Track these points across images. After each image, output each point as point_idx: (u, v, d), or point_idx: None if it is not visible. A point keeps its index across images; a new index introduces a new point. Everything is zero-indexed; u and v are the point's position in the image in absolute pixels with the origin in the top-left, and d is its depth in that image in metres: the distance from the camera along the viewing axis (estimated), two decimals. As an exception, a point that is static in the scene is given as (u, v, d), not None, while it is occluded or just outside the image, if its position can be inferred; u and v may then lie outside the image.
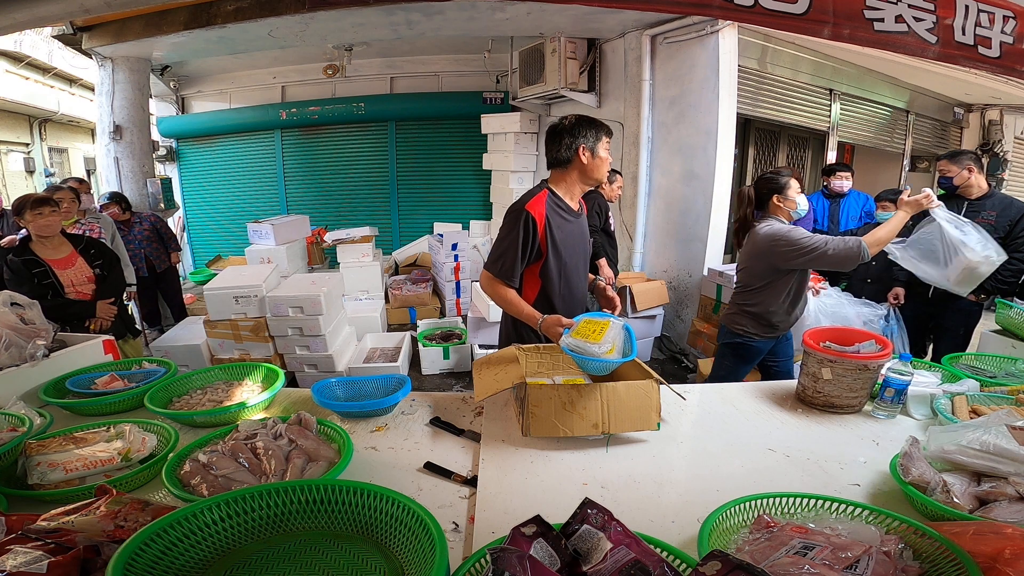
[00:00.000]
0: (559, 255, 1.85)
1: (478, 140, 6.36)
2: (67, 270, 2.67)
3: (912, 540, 0.91)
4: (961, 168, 2.89)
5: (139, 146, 5.15)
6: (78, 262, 2.71)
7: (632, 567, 0.73)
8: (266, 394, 1.58)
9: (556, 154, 1.84)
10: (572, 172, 1.84)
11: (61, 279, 2.63)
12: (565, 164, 1.84)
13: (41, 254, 2.61)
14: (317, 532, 0.94)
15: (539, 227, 1.78)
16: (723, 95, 3.76)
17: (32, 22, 3.26)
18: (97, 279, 2.76)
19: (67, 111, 9.61)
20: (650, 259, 4.72)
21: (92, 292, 2.73)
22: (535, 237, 1.78)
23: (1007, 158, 6.20)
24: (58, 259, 2.65)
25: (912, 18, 2.09)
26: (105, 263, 2.81)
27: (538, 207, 1.79)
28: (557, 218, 1.82)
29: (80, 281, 2.70)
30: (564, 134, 1.81)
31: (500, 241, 1.83)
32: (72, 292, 2.66)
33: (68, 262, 2.68)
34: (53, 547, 0.79)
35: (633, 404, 1.37)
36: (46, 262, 2.60)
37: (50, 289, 2.58)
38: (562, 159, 1.83)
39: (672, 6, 2.47)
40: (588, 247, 2.02)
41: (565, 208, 1.86)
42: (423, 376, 4.13)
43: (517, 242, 1.77)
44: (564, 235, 1.84)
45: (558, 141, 1.82)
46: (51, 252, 2.65)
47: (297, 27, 4.47)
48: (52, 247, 2.66)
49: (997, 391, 1.58)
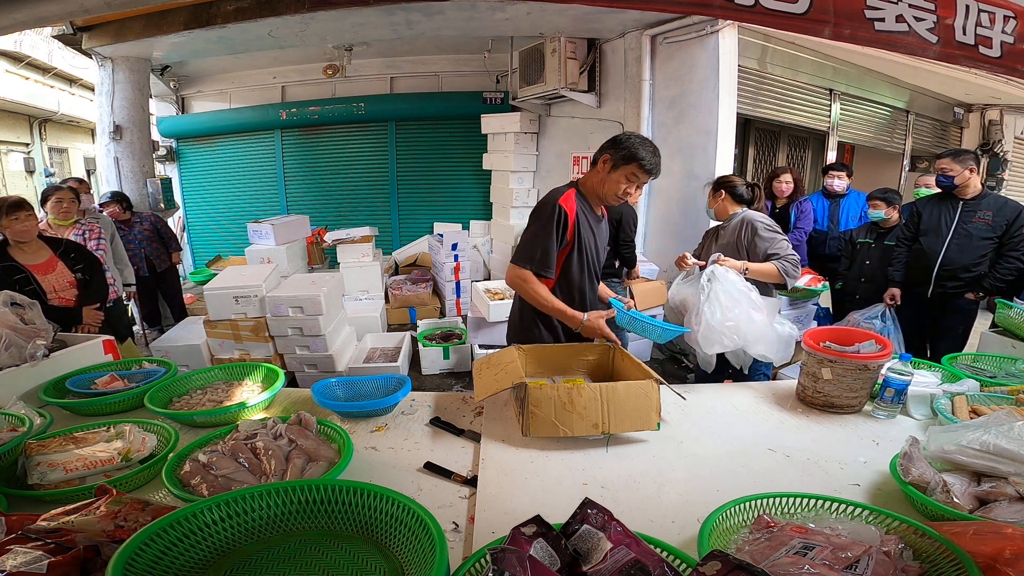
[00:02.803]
0: (582, 253, 1.86)
1: (478, 140, 6.36)
2: (48, 275, 2.59)
3: (912, 540, 0.91)
4: (964, 168, 2.88)
5: (139, 146, 5.15)
6: (58, 267, 2.63)
7: (632, 567, 0.73)
8: (266, 394, 1.57)
9: (596, 154, 1.86)
10: (593, 176, 1.87)
11: (43, 285, 2.55)
12: (592, 166, 1.87)
13: (20, 259, 2.53)
14: (317, 532, 0.94)
15: (570, 220, 1.79)
16: (723, 95, 3.76)
17: (32, 22, 3.26)
18: (79, 284, 2.68)
19: (67, 111, 9.62)
20: (650, 259, 4.72)
21: (75, 298, 2.65)
22: (566, 229, 1.79)
23: (1007, 158, 6.20)
24: (38, 264, 2.57)
25: (913, 18, 2.09)
26: (86, 267, 2.72)
27: (569, 202, 1.80)
28: (583, 217, 1.85)
29: (62, 286, 2.62)
30: (612, 140, 1.82)
31: (532, 235, 1.82)
32: (55, 298, 2.58)
33: (48, 267, 2.60)
34: (53, 547, 0.79)
35: (633, 404, 1.37)
36: (26, 268, 2.52)
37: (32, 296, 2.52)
38: (593, 160, 1.87)
39: (673, 6, 2.47)
40: (603, 254, 2.03)
41: (589, 210, 1.89)
42: (423, 376, 4.13)
43: (551, 232, 1.77)
44: (587, 235, 1.87)
45: (604, 145, 1.84)
46: (30, 257, 2.57)
47: (297, 27, 4.46)
48: (31, 252, 2.58)
49: (997, 391, 1.58)
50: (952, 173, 2.90)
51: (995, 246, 2.89)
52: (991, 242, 2.89)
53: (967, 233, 2.92)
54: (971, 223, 2.91)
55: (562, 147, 5.61)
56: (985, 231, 2.88)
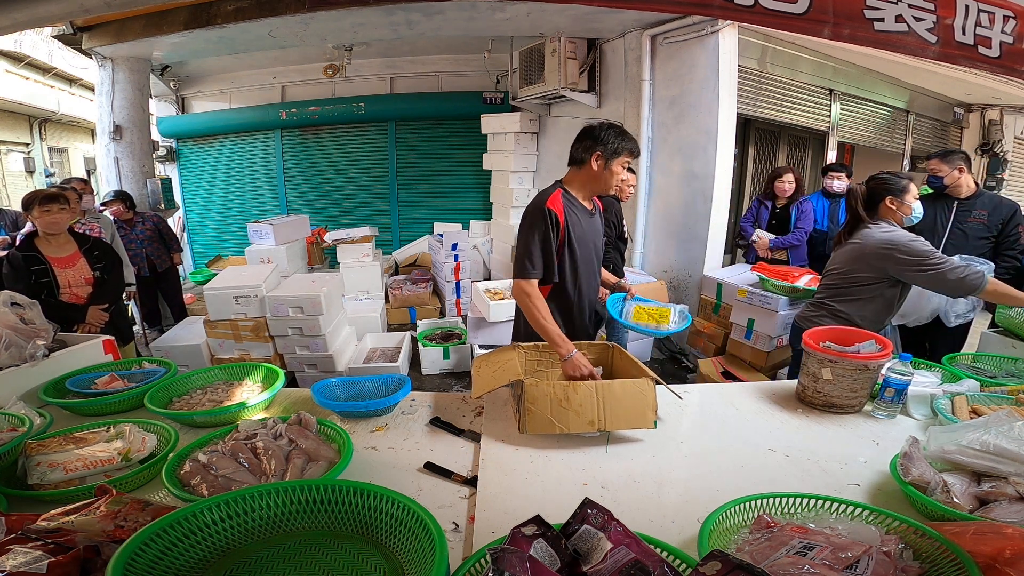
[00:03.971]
0: (574, 252, 1.88)
1: (478, 140, 6.36)
2: (67, 269, 2.65)
3: (912, 540, 0.91)
4: (952, 168, 2.88)
5: (139, 146, 5.14)
6: (79, 262, 2.69)
7: (632, 567, 0.73)
8: (266, 394, 1.57)
9: (575, 152, 1.88)
10: (582, 174, 1.88)
11: (59, 278, 2.61)
12: (580, 164, 1.88)
13: (45, 251, 2.60)
14: (317, 532, 0.94)
15: (560, 222, 1.81)
16: (723, 95, 3.76)
17: (32, 22, 3.26)
18: (96, 282, 2.73)
19: (67, 111, 9.62)
20: (650, 259, 4.72)
21: (88, 295, 2.70)
22: (557, 232, 1.81)
23: (1007, 158, 6.20)
24: (60, 257, 2.64)
25: (912, 18, 2.09)
26: (107, 265, 2.78)
27: (557, 204, 1.82)
28: (573, 215, 1.86)
29: (78, 282, 2.68)
30: (588, 136, 1.84)
31: (526, 244, 1.83)
32: (67, 293, 2.63)
33: (70, 261, 2.67)
34: (53, 547, 0.79)
35: (629, 402, 1.37)
36: (47, 260, 2.59)
37: (45, 288, 2.56)
38: (578, 158, 1.88)
39: (672, 6, 2.47)
40: (601, 245, 2.06)
41: (579, 206, 1.90)
42: (423, 376, 4.13)
43: (543, 237, 1.80)
44: (580, 232, 1.89)
45: (581, 140, 1.86)
46: (55, 250, 2.64)
47: (297, 27, 4.46)
48: (57, 245, 2.65)
49: (997, 391, 1.58)
50: (941, 174, 2.89)
51: (991, 246, 2.89)
52: (987, 241, 2.88)
53: (962, 233, 2.91)
54: (966, 223, 2.90)
55: (562, 147, 5.57)
56: (981, 230, 2.88)
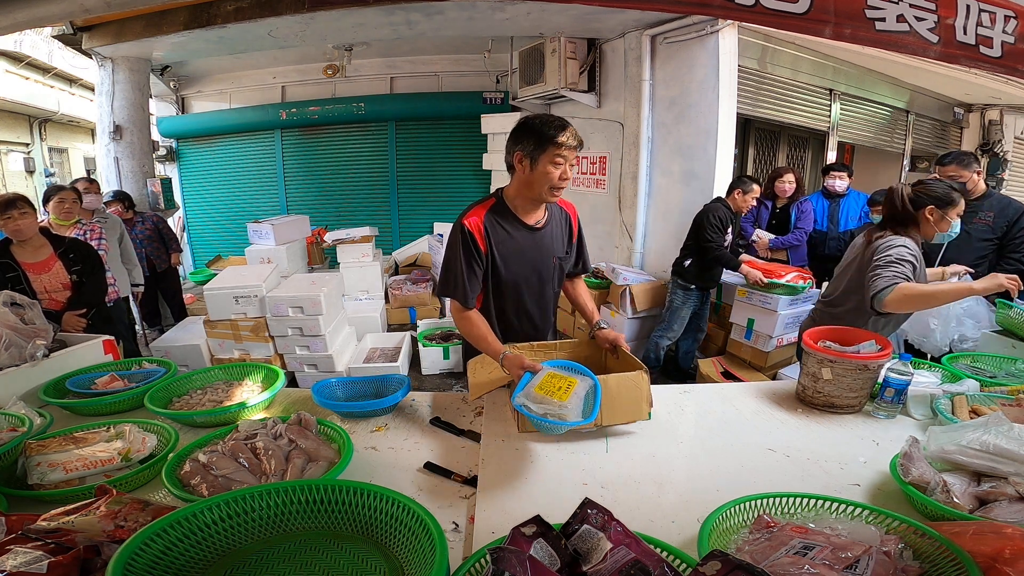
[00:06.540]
0: (499, 272, 1.67)
1: (478, 140, 6.36)
2: (42, 275, 2.54)
3: (912, 540, 0.91)
4: (972, 172, 2.86)
5: (139, 146, 5.14)
6: (55, 267, 2.58)
7: (632, 567, 0.73)
8: (266, 394, 1.58)
9: (505, 157, 1.64)
10: (515, 180, 1.64)
11: (35, 285, 2.51)
12: (511, 171, 1.64)
13: (19, 257, 2.51)
14: (317, 532, 0.94)
15: (479, 240, 1.61)
16: (723, 95, 3.76)
17: (32, 22, 3.26)
18: (73, 286, 2.61)
19: (67, 111, 9.62)
20: (650, 259, 4.72)
21: (66, 300, 2.60)
22: (478, 251, 1.61)
23: (1007, 158, 6.20)
24: (35, 263, 2.54)
25: (913, 17, 2.09)
26: (85, 268, 2.66)
27: (474, 219, 1.61)
28: (499, 231, 1.64)
29: (55, 288, 2.57)
30: (510, 136, 1.60)
31: (444, 262, 1.66)
32: (46, 299, 2.52)
33: (45, 266, 2.56)
34: (53, 547, 0.79)
35: (624, 396, 1.38)
36: (21, 266, 2.50)
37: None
38: (507, 164, 1.64)
39: (673, 6, 2.47)
40: (548, 262, 1.76)
41: (512, 220, 1.66)
42: (423, 376, 4.13)
43: (459, 259, 1.60)
44: (508, 250, 1.66)
45: (507, 145, 1.62)
46: (30, 255, 2.54)
47: (297, 27, 4.46)
48: (31, 249, 2.55)
49: (997, 391, 1.58)
50: (963, 179, 2.86)
51: (995, 247, 2.88)
52: (991, 243, 2.87)
53: (966, 234, 2.91)
54: (971, 224, 2.89)
55: (562, 147, 5.60)
56: (985, 232, 2.87)
